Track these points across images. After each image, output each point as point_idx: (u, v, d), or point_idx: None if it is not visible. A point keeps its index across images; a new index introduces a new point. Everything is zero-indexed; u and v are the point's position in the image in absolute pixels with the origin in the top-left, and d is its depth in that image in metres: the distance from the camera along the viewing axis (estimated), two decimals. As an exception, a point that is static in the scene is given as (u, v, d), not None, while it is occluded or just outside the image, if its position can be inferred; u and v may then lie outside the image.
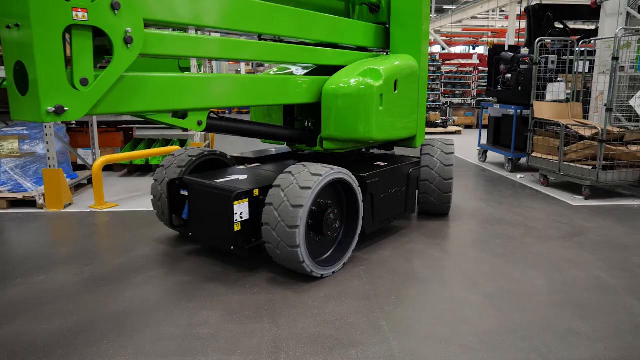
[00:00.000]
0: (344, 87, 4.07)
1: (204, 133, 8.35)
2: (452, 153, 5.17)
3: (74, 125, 7.91)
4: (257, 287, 3.57)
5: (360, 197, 3.96)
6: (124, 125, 8.41)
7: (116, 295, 3.43)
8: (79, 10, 2.52)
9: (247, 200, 3.59)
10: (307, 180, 3.46)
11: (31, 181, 5.72)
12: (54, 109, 2.52)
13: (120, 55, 2.70)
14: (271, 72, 5.13)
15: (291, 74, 4.90)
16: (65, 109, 2.57)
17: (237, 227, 3.54)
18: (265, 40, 3.93)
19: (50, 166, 5.57)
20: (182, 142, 8.11)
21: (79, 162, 7.03)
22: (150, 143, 8.11)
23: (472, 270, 3.92)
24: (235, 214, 3.51)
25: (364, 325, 3.02)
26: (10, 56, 2.60)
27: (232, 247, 3.59)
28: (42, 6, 2.38)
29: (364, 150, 5.32)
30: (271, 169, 4.42)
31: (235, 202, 3.50)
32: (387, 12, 4.87)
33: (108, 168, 7.74)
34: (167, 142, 8.17)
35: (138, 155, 6.74)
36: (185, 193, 3.94)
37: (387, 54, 4.94)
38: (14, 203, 5.63)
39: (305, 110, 4.82)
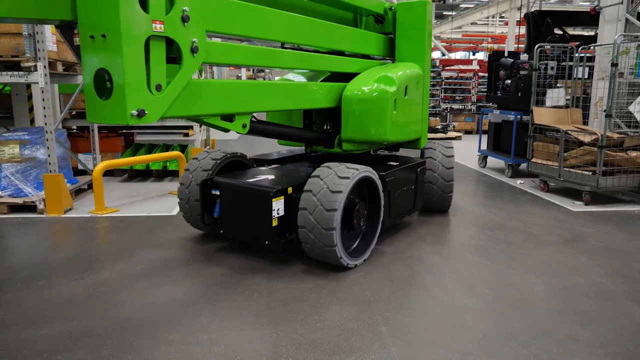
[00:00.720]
0: (362, 93, 4.41)
1: (204, 139, 8.37)
2: (451, 148, 5.62)
3: (74, 130, 7.93)
4: (256, 292, 3.57)
5: (381, 193, 4.29)
6: (124, 131, 8.43)
7: (116, 300, 3.43)
8: (157, 22, 2.82)
9: (282, 197, 3.87)
10: (337, 184, 3.73)
11: (31, 186, 5.72)
12: (136, 112, 2.80)
13: (187, 63, 3.02)
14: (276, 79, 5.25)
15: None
16: (146, 112, 2.85)
17: (274, 223, 3.80)
18: (286, 48, 4.25)
19: (50, 171, 5.58)
20: (183, 148, 8.12)
21: (80, 167, 7.04)
22: (151, 148, 8.13)
23: (472, 276, 3.92)
24: (274, 210, 3.77)
25: (363, 332, 3.02)
26: (91, 64, 2.85)
27: (266, 242, 3.84)
28: (129, 19, 2.66)
29: (371, 151, 5.54)
30: (292, 168, 4.71)
31: (273, 199, 3.76)
32: (392, 24, 5.21)
33: (108, 173, 7.74)
34: (167, 147, 8.18)
35: (139, 160, 6.75)
36: (217, 193, 4.16)
37: (393, 62, 5.26)
38: (14, 208, 5.63)
39: (322, 114, 5.10)
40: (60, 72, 5.92)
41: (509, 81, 8.33)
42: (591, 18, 7.97)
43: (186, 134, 13.09)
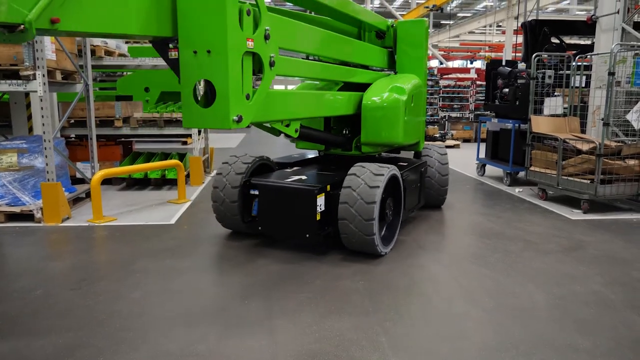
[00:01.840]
0: (379, 101, 5.01)
1: (202, 147, 8.37)
2: (444, 148, 6.39)
3: (73, 139, 7.92)
4: (254, 302, 3.55)
5: (402, 188, 4.86)
6: (123, 139, 8.43)
7: (112, 310, 3.40)
8: (249, 40, 3.35)
9: (323, 194, 4.34)
10: (373, 180, 4.25)
11: (29, 195, 5.70)
12: (237, 118, 3.29)
13: (267, 75, 3.55)
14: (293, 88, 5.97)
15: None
16: (243, 118, 3.33)
17: (317, 217, 4.25)
18: (310, 59, 4.75)
19: (48, 180, 5.56)
20: (181, 156, 8.12)
21: (78, 175, 7.03)
22: (149, 157, 8.12)
23: (472, 285, 3.91)
24: (317, 206, 4.24)
25: (363, 342, 3.00)
26: (191, 76, 3.30)
27: (307, 235, 4.31)
28: (233, 37, 3.16)
29: (377, 154, 5.93)
30: (317, 169, 5.21)
31: (317, 196, 4.23)
32: (393, 39, 5.85)
33: (106, 181, 7.72)
34: (165, 156, 8.18)
35: (137, 169, 6.75)
36: (256, 192, 4.57)
37: (394, 73, 5.83)
38: (11, 217, 5.61)
39: (340, 120, 5.57)
40: (59, 81, 5.93)
41: (506, 90, 8.35)
42: (588, 27, 8.01)
43: (184, 142, 13.11)
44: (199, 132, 7.83)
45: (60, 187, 5.63)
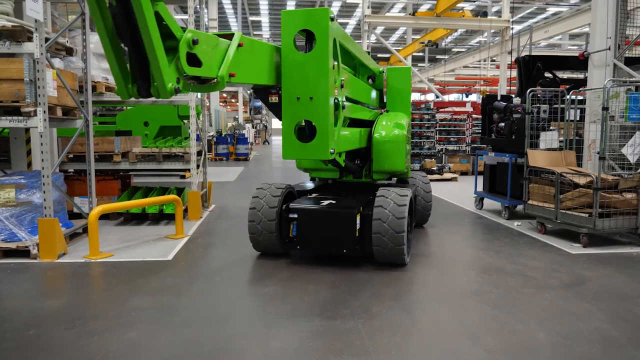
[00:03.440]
0: (386, 136, 5.89)
1: (200, 181, 8.37)
2: (427, 176, 7.36)
3: (71, 173, 7.92)
4: (252, 342, 3.48)
5: (414, 208, 5.75)
6: (121, 173, 8.44)
7: (107, 351, 3.33)
8: (335, 88, 4.41)
9: (359, 214, 5.13)
10: (400, 200, 5.07)
11: (26, 230, 5.66)
12: (332, 150, 4.32)
13: (341, 115, 4.57)
14: None
15: None
16: (334, 150, 4.37)
17: (357, 234, 5.06)
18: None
19: (46, 215, 5.53)
20: (179, 190, 8.12)
21: (75, 210, 7.00)
22: (147, 191, 8.11)
23: (473, 323, 3.85)
24: (357, 224, 5.05)
25: (363, 383, 2.92)
26: (292, 117, 4.34)
27: (344, 250, 5.06)
28: (331, 87, 4.25)
29: (377, 181, 6.64)
30: (336, 194, 5.90)
31: (356, 216, 5.04)
32: (383, 82, 6.83)
33: (104, 216, 7.68)
34: (164, 190, 8.17)
35: (135, 204, 6.72)
36: (294, 216, 5.26)
37: (387, 112, 6.65)
38: (7, 253, 5.55)
39: (351, 152, 6.04)
40: (59, 117, 5.97)
41: (502, 124, 8.45)
42: (580, 63, 8.17)
43: (183, 177, 13.13)
44: (198, 166, 7.84)
45: (57, 223, 5.60)
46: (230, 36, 3.66)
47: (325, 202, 5.33)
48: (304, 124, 4.35)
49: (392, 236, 4.91)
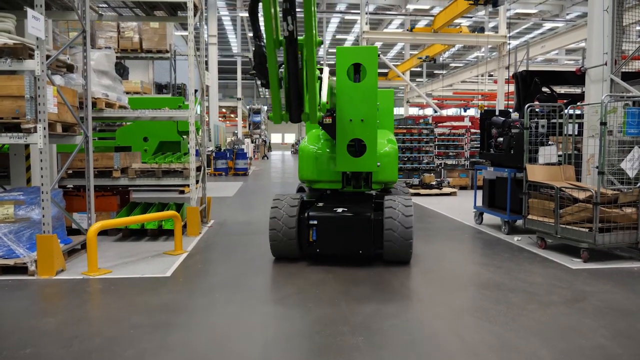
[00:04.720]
0: (384, 150, 6.32)
1: (200, 197, 8.36)
2: (409, 193, 8.04)
3: (70, 188, 7.91)
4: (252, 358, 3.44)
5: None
6: (120, 189, 8.42)
7: (105, 370, 3.29)
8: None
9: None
10: (406, 202, 5.80)
11: (24, 247, 5.63)
12: (379, 164, 5.80)
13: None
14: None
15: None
16: (380, 163, 5.80)
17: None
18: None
19: (44, 232, 5.51)
20: (179, 206, 8.10)
21: (74, 226, 6.97)
22: (146, 207, 8.09)
23: (474, 340, 3.81)
24: (371, 227, 5.71)
25: (364, 402, 2.88)
26: (346, 136, 5.62)
27: (360, 251, 5.73)
28: (376, 111, 5.59)
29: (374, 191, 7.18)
30: (342, 202, 6.27)
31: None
32: None
33: (102, 232, 7.64)
34: (163, 206, 8.15)
35: (134, 220, 6.71)
36: (314, 222, 5.76)
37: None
38: (5, 269, 5.50)
39: None
40: (59, 133, 5.98)
41: (501, 139, 8.47)
42: (577, 78, 8.23)
43: (182, 192, 13.11)
44: (197, 181, 7.84)
45: (55, 240, 5.57)
46: (320, 70, 4.63)
47: (339, 210, 5.86)
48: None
49: (402, 231, 5.54)
